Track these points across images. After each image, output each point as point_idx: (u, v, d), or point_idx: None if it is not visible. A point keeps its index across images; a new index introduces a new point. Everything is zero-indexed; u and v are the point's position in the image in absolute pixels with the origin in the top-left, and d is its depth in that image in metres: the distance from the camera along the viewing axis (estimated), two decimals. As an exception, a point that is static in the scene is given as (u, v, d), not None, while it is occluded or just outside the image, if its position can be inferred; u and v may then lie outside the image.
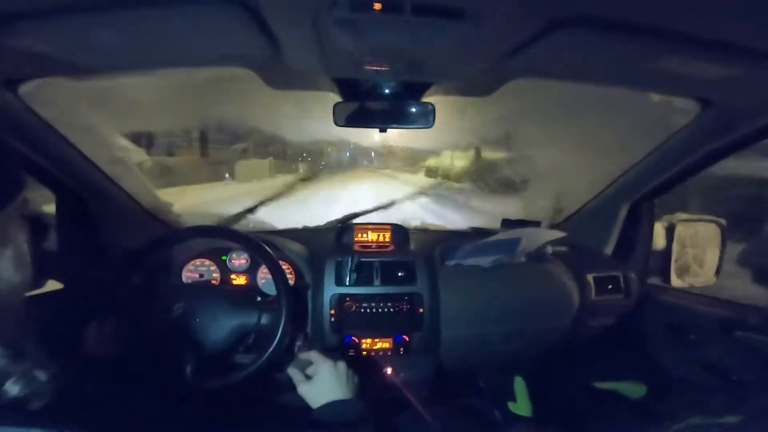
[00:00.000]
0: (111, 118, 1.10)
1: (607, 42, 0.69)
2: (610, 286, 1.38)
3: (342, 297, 1.25)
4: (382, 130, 1.20)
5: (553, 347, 1.37)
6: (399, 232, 1.47)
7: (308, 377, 0.91)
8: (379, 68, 0.83)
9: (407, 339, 1.27)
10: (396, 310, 1.28)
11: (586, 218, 1.60)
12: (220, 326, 0.99)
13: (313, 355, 0.94)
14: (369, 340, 1.26)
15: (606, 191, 1.49)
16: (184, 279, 1.23)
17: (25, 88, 0.75)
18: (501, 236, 1.41)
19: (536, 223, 1.56)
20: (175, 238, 1.10)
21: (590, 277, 1.37)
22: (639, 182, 1.37)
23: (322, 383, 0.88)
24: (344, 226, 1.46)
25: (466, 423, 1.05)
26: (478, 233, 1.62)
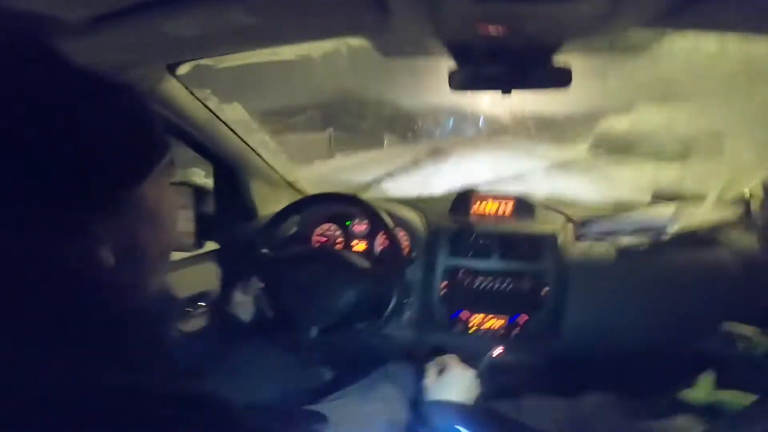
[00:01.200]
0: (251, 96, 1.22)
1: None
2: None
3: (455, 269, 1.22)
4: (506, 92, 1.09)
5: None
6: (524, 203, 1.36)
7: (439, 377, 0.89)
8: (496, 30, 0.74)
9: (524, 320, 1.19)
10: (515, 288, 1.20)
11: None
12: (342, 289, 1.05)
13: (450, 359, 0.93)
14: (480, 317, 1.21)
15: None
16: (313, 243, 1.34)
17: (182, 71, 0.88)
18: (651, 211, 1.20)
19: (698, 198, 1.28)
20: (304, 203, 1.20)
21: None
22: None
23: (450, 387, 0.86)
24: (462, 195, 1.40)
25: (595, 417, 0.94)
26: (620, 208, 1.40)
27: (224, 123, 1.14)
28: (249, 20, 0.66)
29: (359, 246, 1.32)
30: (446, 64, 1.00)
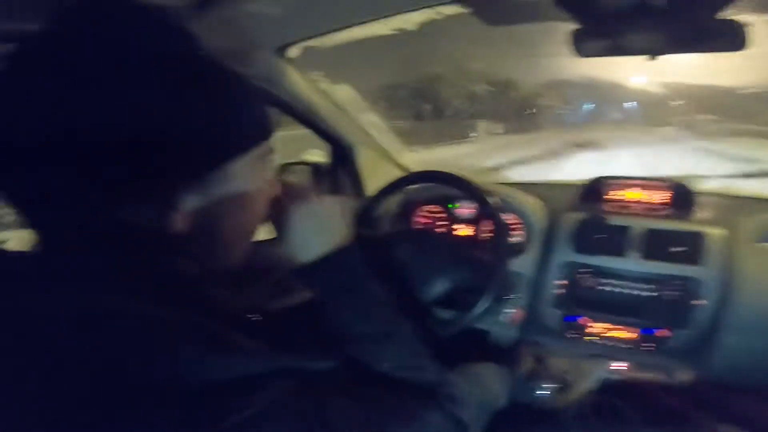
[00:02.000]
0: (359, 77, 1.23)
1: None
2: None
3: (577, 266, 1.05)
4: (652, 58, 0.87)
5: None
6: (680, 191, 1.11)
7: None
8: None
9: (662, 335, 0.97)
10: (657, 296, 0.98)
11: None
12: (435, 275, 0.99)
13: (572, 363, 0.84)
14: (601, 325, 1.03)
15: None
16: (413, 224, 1.30)
17: (292, 54, 0.92)
18: None
19: None
20: (405, 181, 1.16)
21: None
22: None
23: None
24: (597, 180, 1.20)
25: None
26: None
27: (336, 104, 1.17)
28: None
29: (463, 231, 1.23)
30: (567, 27, 0.84)
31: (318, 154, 1.55)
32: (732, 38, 0.75)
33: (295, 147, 1.36)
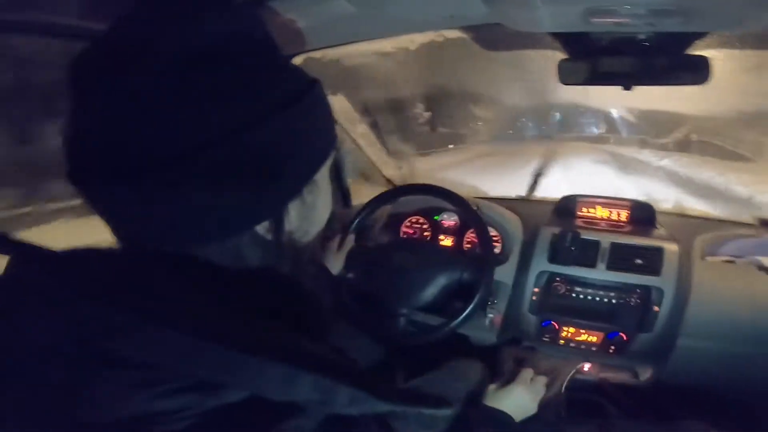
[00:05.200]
0: (353, 89, 1.28)
1: None
2: None
3: (552, 276, 1.13)
4: (627, 88, 0.98)
5: None
6: (642, 210, 1.22)
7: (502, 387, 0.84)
8: (612, 20, 0.66)
9: (624, 338, 1.07)
10: (621, 303, 1.08)
11: None
12: (427, 280, 1.04)
13: (526, 373, 0.87)
14: (572, 329, 1.11)
15: None
16: (401, 234, 1.36)
17: (294, 62, 0.95)
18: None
19: None
20: (393, 194, 1.21)
21: None
22: None
23: (506, 400, 0.81)
24: (568, 197, 1.29)
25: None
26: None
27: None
28: (352, 11, 0.69)
29: (446, 241, 1.30)
30: (554, 56, 0.93)
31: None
32: (699, 72, 0.86)
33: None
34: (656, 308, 1.04)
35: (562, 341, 1.12)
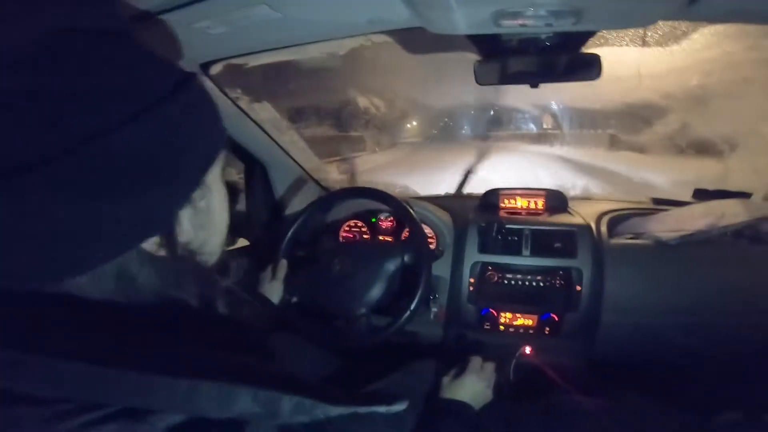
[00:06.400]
0: (279, 95, 1.25)
1: None
2: None
3: (484, 266, 1.20)
4: (533, 86, 1.07)
5: (756, 349, 1.06)
6: (555, 198, 1.32)
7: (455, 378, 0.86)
8: (518, 21, 0.72)
9: (556, 319, 1.15)
10: (547, 286, 1.17)
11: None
12: (374, 275, 1.04)
13: (474, 360, 0.90)
14: (509, 315, 1.18)
15: None
16: (340, 239, 1.35)
17: (214, 71, 0.91)
18: (695, 208, 1.14)
19: (745, 195, 1.21)
20: (334, 197, 1.20)
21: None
22: None
23: (462, 389, 0.83)
24: (490, 191, 1.37)
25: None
26: (660, 204, 1.34)
27: (255, 122, 1.17)
28: (274, 16, 0.67)
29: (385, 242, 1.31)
30: (472, 57, 0.99)
31: (230, 173, 1.51)
32: (588, 70, 0.96)
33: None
34: (578, 288, 1.12)
35: (501, 327, 1.18)
